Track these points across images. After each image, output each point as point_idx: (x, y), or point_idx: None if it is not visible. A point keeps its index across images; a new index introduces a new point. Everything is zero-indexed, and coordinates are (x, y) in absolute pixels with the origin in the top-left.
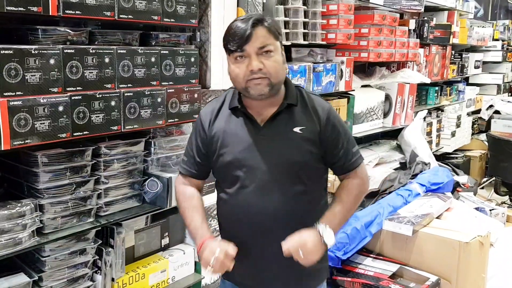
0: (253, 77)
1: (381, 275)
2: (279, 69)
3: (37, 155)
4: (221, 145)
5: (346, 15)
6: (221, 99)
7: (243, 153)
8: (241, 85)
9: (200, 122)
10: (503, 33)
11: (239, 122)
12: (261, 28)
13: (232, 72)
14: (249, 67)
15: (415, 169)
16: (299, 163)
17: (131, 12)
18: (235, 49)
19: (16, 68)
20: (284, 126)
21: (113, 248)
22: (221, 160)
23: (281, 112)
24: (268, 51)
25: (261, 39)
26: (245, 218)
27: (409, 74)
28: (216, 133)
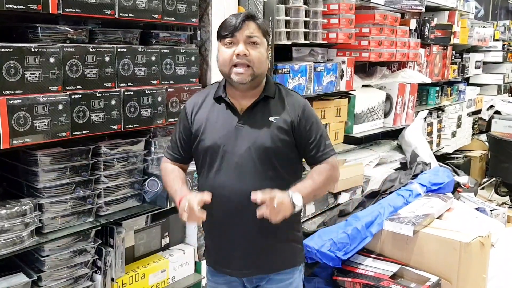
0: (238, 62)
1: (381, 275)
2: (262, 61)
3: (37, 154)
4: (202, 131)
5: (347, 14)
6: (206, 91)
7: (222, 139)
8: (226, 69)
9: (184, 111)
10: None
11: (221, 111)
12: (252, 22)
13: (221, 55)
14: (236, 50)
15: (415, 169)
16: (272, 149)
17: (132, 11)
18: (226, 34)
19: (15, 66)
20: (261, 115)
21: (113, 248)
22: (201, 145)
23: (259, 102)
24: (255, 42)
25: (250, 30)
26: (221, 199)
27: (410, 74)
28: (199, 120)
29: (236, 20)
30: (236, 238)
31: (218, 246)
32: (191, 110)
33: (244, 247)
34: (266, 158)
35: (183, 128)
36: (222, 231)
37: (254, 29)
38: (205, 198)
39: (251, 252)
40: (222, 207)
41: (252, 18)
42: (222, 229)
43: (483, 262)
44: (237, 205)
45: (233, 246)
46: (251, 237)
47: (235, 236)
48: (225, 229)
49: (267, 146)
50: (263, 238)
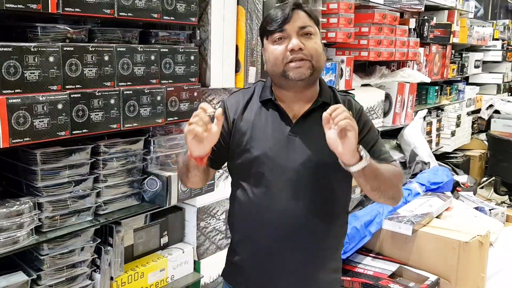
0: (294, 58)
1: (380, 274)
2: (320, 53)
3: (36, 153)
4: (249, 138)
5: (346, 14)
6: (249, 90)
7: (273, 150)
8: (279, 68)
9: (224, 110)
10: (503, 32)
11: (270, 117)
12: (301, 11)
13: (271, 54)
14: (289, 46)
15: (415, 169)
16: (331, 165)
17: (131, 10)
18: (275, 29)
19: (15, 65)
20: (317, 124)
21: (112, 246)
22: (247, 155)
23: (314, 109)
24: (309, 32)
25: (302, 20)
26: (270, 221)
27: (409, 73)
28: (244, 125)
29: (283, 11)
30: (284, 266)
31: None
32: (234, 110)
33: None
34: (323, 175)
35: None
36: (266, 255)
37: (306, 18)
38: (218, 112)
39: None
40: (270, 232)
41: (300, 6)
42: (266, 253)
43: (482, 261)
44: (288, 230)
45: (279, 275)
46: (300, 266)
47: (283, 265)
48: (269, 253)
49: (328, 161)
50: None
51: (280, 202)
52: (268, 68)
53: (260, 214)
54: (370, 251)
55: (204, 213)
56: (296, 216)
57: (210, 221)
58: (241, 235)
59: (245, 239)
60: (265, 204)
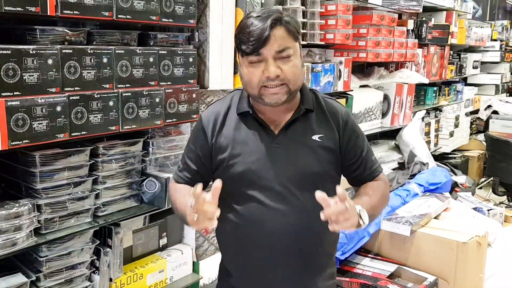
0: (269, 84)
1: (379, 275)
2: (298, 75)
3: (35, 155)
4: (230, 154)
5: (345, 15)
6: (226, 101)
7: (257, 164)
8: (254, 91)
9: (202, 128)
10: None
11: (250, 129)
12: (280, 29)
13: (245, 76)
14: (265, 72)
15: (413, 169)
16: (319, 174)
17: (130, 12)
18: (250, 52)
19: (14, 68)
20: (301, 134)
21: (111, 248)
22: (230, 172)
23: (297, 118)
24: (287, 56)
25: (279, 42)
26: (262, 238)
27: (408, 74)
28: (224, 141)
29: (260, 30)
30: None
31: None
32: (212, 125)
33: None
34: (312, 185)
35: (201, 147)
36: (262, 274)
37: (284, 38)
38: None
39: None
40: (262, 247)
41: (279, 22)
42: (262, 271)
43: (480, 261)
44: (282, 245)
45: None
46: (296, 278)
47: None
48: (265, 271)
49: (315, 171)
50: (309, 278)
51: (270, 217)
52: (243, 85)
53: (251, 232)
54: (369, 252)
55: None
56: (289, 229)
57: None
58: (233, 254)
59: (237, 258)
60: (256, 221)
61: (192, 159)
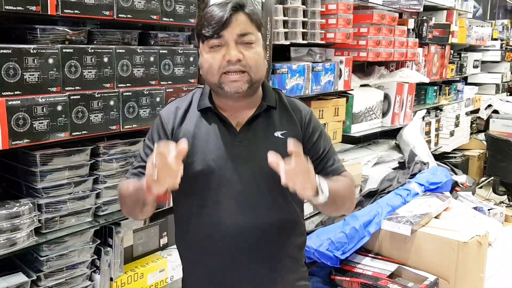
0: (230, 69)
1: (379, 274)
2: (260, 63)
3: (36, 155)
4: (190, 152)
5: (345, 14)
6: (187, 99)
7: (217, 162)
8: (214, 78)
9: (161, 124)
10: (501, 32)
11: (211, 126)
12: (242, 14)
13: (205, 62)
14: (226, 56)
15: (413, 169)
16: None
17: (130, 12)
18: (211, 35)
19: (14, 67)
20: (264, 130)
21: (111, 247)
22: (189, 170)
23: (259, 115)
24: (249, 41)
25: (242, 26)
26: (222, 239)
27: (408, 73)
28: (184, 137)
29: (221, 14)
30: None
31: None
32: (172, 122)
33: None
34: (275, 183)
35: None
36: (225, 277)
37: (246, 24)
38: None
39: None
40: (224, 249)
41: (241, 8)
42: (224, 275)
43: (480, 261)
44: (244, 244)
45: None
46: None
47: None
48: (228, 274)
49: None
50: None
51: (231, 217)
52: (202, 75)
53: (211, 233)
54: (369, 252)
55: None
56: (251, 231)
57: None
58: (193, 257)
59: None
60: (215, 221)
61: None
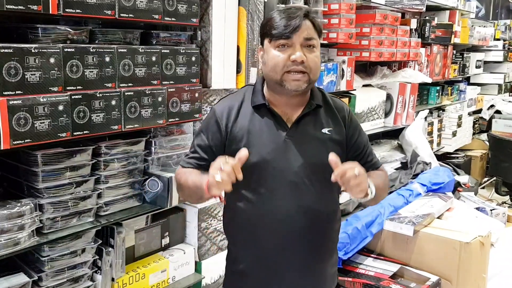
0: (293, 69)
1: (381, 275)
2: (318, 66)
3: (37, 155)
4: (245, 145)
5: (348, 14)
6: (239, 96)
7: (271, 154)
8: (277, 75)
9: (216, 120)
10: (504, 32)
11: (264, 122)
12: (308, 21)
13: (271, 59)
14: (292, 56)
15: (416, 169)
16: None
17: (132, 11)
18: (281, 35)
19: (16, 67)
20: (312, 127)
21: (113, 248)
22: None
23: (308, 113)
24: (312, 45)
25: (308, 31)
26: (274, 224)
27: (411, 73)
28: (239, 132)
29: (293, 19)
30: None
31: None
32: (226, 118)
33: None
34: (323, 175)
35: (213, 137)
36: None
37: (311, 30)
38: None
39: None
40: (275, 235)
41: (309, 15)
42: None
43: (483, 261)
44: (294, 231)
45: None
46: (306, 263)
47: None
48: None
49: (325, 162)
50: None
51: (283, 204)
52: (265, 71)
53: (263, 219)
54: (372, 252)
55: (205, 214)
56: (300, 216)
57: (211, 222)
58: (244, 242)
59: (249, 245)
60: (269, 208)
61: (203, 148)
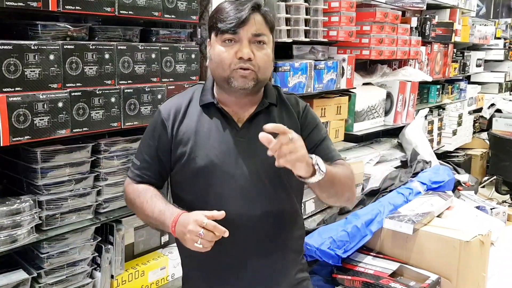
0: (240, 66)
1: (381, 273)
2: (268, 65)
3: (36, 152)
4: (192, 148)
5: (348, 12)
6: (187, 95)
7: (220, 157)
8: (224, 73)
9: (161, 121)
10: (505, 31)
11: (213, 122)
12: (259, 15)
13: (217, 55)
14: (238, 53)
15: (416, 168)
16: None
17: (132, 8)
18: (227, 29)
19: (15, 63)
20: None
21: (112, 245)
22: (191, 166)
23: (260, 112)
24: (261, 41)
25: (257, 26)
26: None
27: (411, 72)
28: (186, 133)
29: (240, 12)
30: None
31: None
32: (172, 118)
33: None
34: (277, 178)
35: (160, 141)
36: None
37: (261, 25)
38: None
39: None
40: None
41: (258, 8)
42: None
43: (483, 260)
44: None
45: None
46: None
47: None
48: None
49: None
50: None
51: (233, 210)
52: (211, 67)
53: None
54: (371, 250)
55: None
56: (253, 221)
57: None
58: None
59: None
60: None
61: (151, 155)
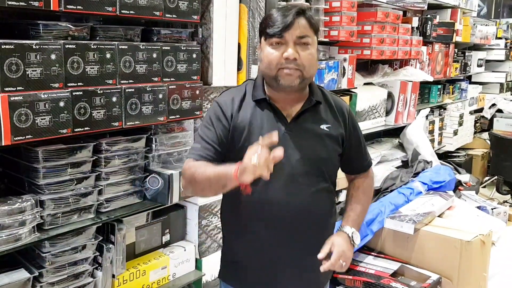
0: (286, 66)
1: (382, 273)
2: (312, 64)
3: (38, 151)
4: (246, 137)
5: (349, 12)
6: (241, 89)
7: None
8: (272, 72)
9: (220, 110)
10: (506, 31)
11: (265, 115)
12: (303, 19)
13: (266, 56)
14: (284, 54)
15: (417, 168)
16: (325, 159)
17: (133, 8)
18: (274, 33)
19: (17, 63)
20: (311, 123)
21: (113, 244)
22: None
23: (308, 109)
24: (306, 43)
25: (301, 29)
26: (270, 215)
27: (412, 72)
28: (241, 123)
29: (285, 17)
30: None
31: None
32: (230, 108)
33: (294, 267)
34: (319, 169)
35: (221, 127)
36: (270, 252)
37: (305, 28)
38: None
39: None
40: (272, 225)
41: (303, 13)
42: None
43: (484, 260)
44: (290, 223)
45: (281, 266)
46: (301, 255)
47: (285, 255)
48: (273, 248)
49: (323, 157)
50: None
51: (279, 196)
52: (261, 68)
53: (260, 209)
54: (372, 250)
55: (205, 211)
56: (296, 208)
57: (212, 219)
58: (240, 231)
59: (244, 234)
60: (264, 198)
61: (212, 138)
